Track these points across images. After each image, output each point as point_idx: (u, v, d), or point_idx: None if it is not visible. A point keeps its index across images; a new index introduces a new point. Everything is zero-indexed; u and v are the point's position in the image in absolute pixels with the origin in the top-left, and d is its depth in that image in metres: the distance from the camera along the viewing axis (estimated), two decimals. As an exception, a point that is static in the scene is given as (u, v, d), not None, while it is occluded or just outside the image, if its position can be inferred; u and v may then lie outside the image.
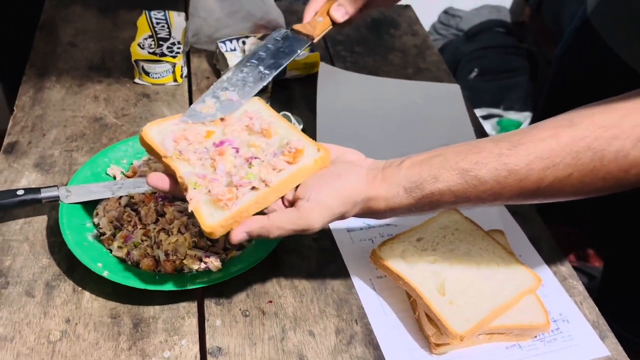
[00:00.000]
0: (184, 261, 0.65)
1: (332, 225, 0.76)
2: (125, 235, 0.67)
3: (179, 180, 0.56)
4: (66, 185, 0.71)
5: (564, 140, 0.51)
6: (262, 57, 0.71)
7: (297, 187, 0.57)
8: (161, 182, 0.57)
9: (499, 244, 0.71)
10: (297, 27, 0.77)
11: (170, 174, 0.57)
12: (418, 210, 0.57)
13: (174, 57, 0.93)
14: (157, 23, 1.00)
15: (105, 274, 0.62)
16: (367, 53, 1.10)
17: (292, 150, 0.57)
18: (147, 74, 0.93)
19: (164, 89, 0.94)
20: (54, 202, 0.69)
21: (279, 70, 0.70)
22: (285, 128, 0.62)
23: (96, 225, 0.69)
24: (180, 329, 0.62)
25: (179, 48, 0.95)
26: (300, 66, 1.00)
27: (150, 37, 0.96)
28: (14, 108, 0.86)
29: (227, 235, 0.55)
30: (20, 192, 0.68)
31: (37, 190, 0.68)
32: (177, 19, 1.02)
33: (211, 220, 0.53)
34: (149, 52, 0.93)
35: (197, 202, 0.54)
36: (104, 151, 0.76)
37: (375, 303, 0.68)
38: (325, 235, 0.74)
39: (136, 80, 0.94)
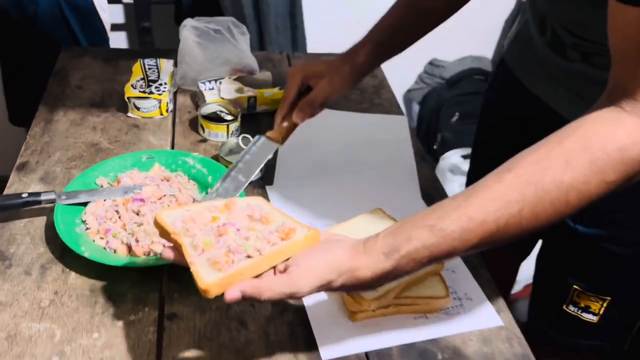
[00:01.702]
0: (151, 246, 0.81)
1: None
2: (106, 228, 0.83)
3: (184, 252, 0.62)
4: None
5: (507, 181, 0.59)
6: (241, 167, 0.89)
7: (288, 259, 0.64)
8: (168, 253, 0.64)
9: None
10: (269, 134, 0.93)
11: (178, 249, 0.64)
12: (401, 271, 0.62)
13: (160, 94, 1.12)
14: (149, 68, 1.19)
15: (86, 254, 0.78)
16: (330, 91, 1.28)
17: (286, 230, 0.64)
18: (138, 108, 1.12)
19: (152, 121, 1.13)
20: (52, 203, 0.86)
21: (253, 176, 0.89)
22: (282, 217, 0.68)
23: (84, 222, 0.86)
24: (145, 299, 0.77)
25: (164, 87, 1.14)
26: (268, 102, 1.18)
27: (142, 79, 1.16)
28: (27, 136, 1.05)
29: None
30: (24, 195, 0.85)
31: (38, 194, 0.86)
32: (166, 65, 1.22)
33: (208, 280, 0.59)
34: (140, 91, 1.12)
35: (197, 265, 0.61)
36: (95, 166, 0.94)
37: (308, 283, 0.82)
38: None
39: (129, 114, 1.13)
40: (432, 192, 1.01)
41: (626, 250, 0.90)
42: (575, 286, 0.97)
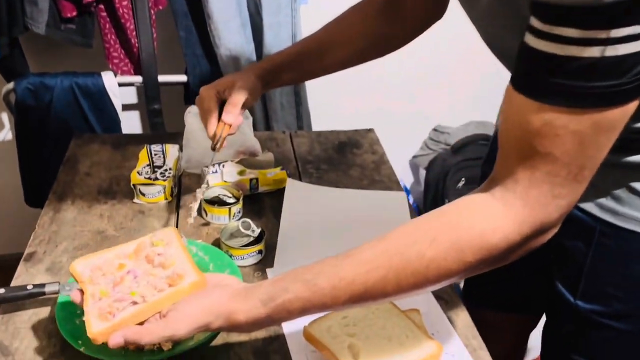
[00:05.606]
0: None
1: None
2: (107, 319, 0.85)
3: (84, 300, 0.74)
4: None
5: (378, 249, 0.65)
6: None
7: None
8: (76, 297, 0.75)
9: (410, 320, 0.85)
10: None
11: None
12: (275, 319, 0.67)
13: (164, 180, 1.16)
14: (155, 154, 1.24)
15: (82, 349, 0.79)
16: (331, 169, 1.31)
17: (174, 276, 0.73)
18: (143, 194, 1.15)
19: (157, 205, 1.16)
20: (56, 294, 0.88)
21: None
22: (182, 259, 0.78)
23: (86, 313, 0.87)
24: (143, 393, 0.78)
25: (169, 173, 1.18)
26: (270, 182, 1.21)
27: (148, 165, 1.20)
28: (36, 226, 1.09)
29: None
30: (29, 287, 0.87)
31: (42, 285, 0.88)
32: (172, 150, 1.26)
33: (95, 329, 0.69)
34: (145, 178, 1.16)
35: (89, 314, 0.71)
36: (99, 256, 0.96)
37: (307, 371, 0.82)
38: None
39: (135, 200, 1.17)
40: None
41: (626, 326, 0.89)
42: (579, 362, 0.95)
